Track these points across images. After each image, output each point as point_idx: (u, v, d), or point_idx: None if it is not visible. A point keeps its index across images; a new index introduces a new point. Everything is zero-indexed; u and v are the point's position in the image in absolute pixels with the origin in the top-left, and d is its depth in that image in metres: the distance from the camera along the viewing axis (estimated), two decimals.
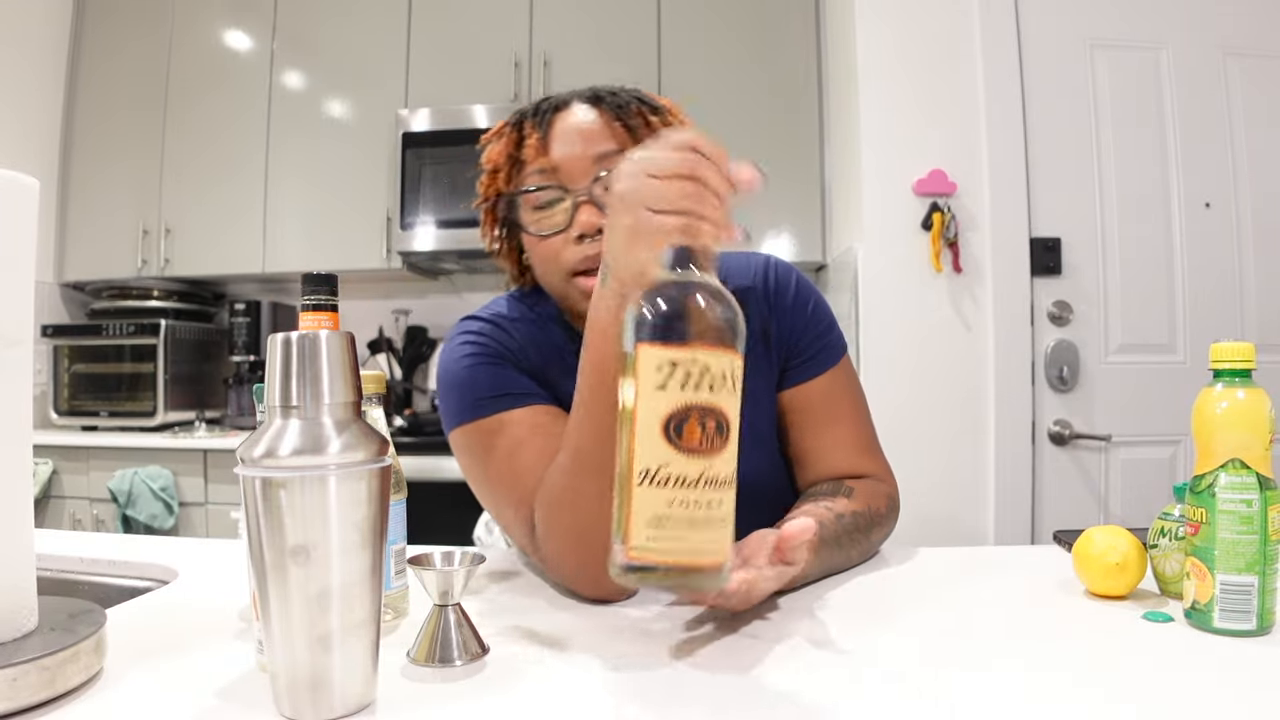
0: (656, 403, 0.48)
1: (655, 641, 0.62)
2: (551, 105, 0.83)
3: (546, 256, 0.82)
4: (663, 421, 0.48)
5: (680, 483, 0.47)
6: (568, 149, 0.80)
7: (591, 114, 0.81)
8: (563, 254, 0.80)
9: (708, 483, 0.48)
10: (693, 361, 0.48)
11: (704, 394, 0.48)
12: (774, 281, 0.91)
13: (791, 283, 0.91)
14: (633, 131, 0.80)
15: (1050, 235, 1.95)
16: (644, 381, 0.48)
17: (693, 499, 0.48)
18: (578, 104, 0.82)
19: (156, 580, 0.84)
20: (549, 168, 0.80)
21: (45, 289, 2.74)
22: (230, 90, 2.70)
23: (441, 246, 2.49)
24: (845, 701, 0.51)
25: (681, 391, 0.48)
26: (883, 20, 2.03)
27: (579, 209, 0.79)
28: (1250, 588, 0.59)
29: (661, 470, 0.48)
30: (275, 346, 0.48)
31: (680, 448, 0.48)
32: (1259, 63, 1.99)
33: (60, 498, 2.44)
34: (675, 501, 0.47)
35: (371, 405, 0.64)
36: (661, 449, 0.48)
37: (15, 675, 0.47)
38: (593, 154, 0.79)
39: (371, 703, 0.50)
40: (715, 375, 0.48)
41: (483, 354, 0.83)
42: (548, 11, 2.56)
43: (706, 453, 0.48)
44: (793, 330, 0.89)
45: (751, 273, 0.91)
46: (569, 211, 0.79)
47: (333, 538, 0.47)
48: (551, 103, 0.83)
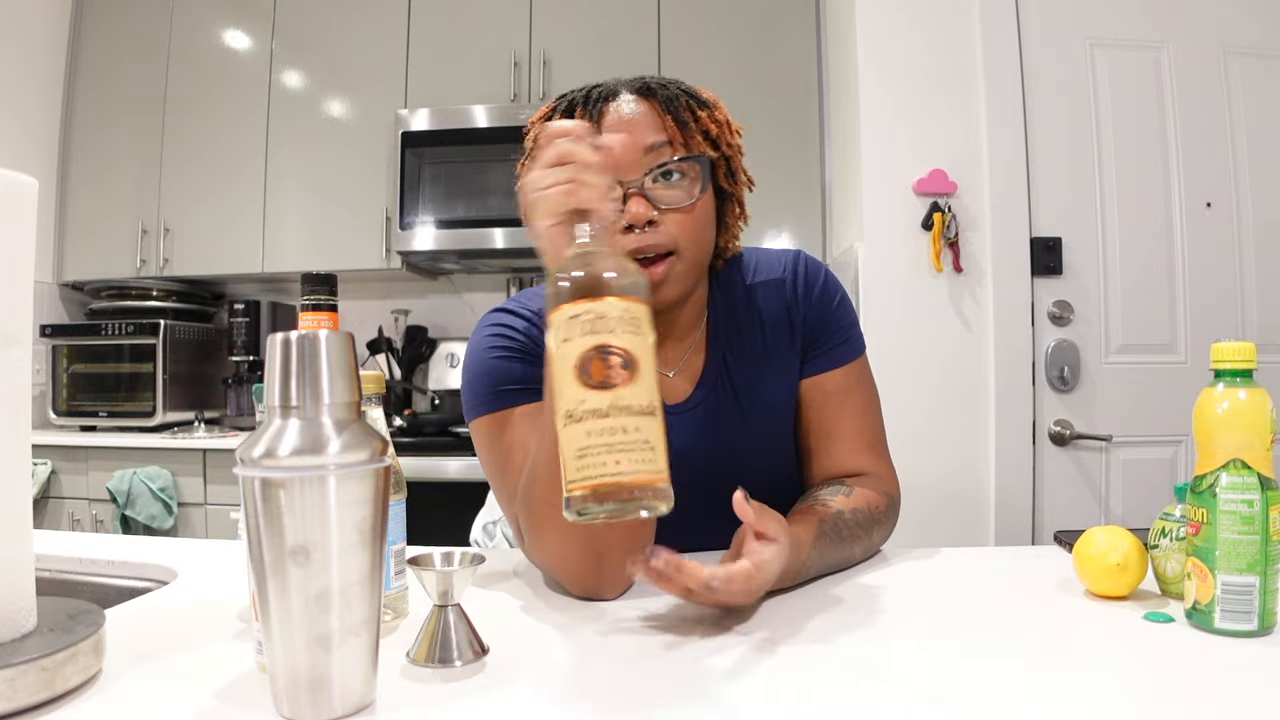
0: (566, 352, 0.53)
1: (655, 641, 0.62)
2: (602, 94, 0.83)
3: None
4: (572, 366, 0.53)
5: (594, 414, 0.52)
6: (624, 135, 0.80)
7: (642, 105, 0.82)
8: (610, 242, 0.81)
9: (620, 410, 0.52)
10: (588, 311, 0.53)
11: (603, 336, 0.53)
12: (803, 275, 0.92)
13: (820, 277, 0.93)
14: (682, 125, 0.81)
15: (1050, 235, 1.95)
16: (556, 339, 0.54)
17: (607, 426, 0.52)
18: (628, 94, 0.82)
19: (156, 581, 0.84)
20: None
21: (44, 289, 2.73)
22: (230, 90, 2.70)
23: (441, 246, 2.49)
24: (846, 701, 0.51)
25: (584, 338, 0.53)
26: (883, 20, 2.03)
27: (629, 200, 0.79)
28: (1251, 588, 0.59)
29: (577, 408, 0.52)
30: (275, 346, 0.48)
31: (589, 384, 0.52)
32: (1259, 63, 1.99)
33: (59, 498, 2.44)
34: (592, 432, 0.52)
35: (371, 405, 0.64)
36: (575, 390, 0.53)
37: (14, 676, 0.47)
38: (643, 145, 0.80)
39: (371, 703, 0.50)
40: (613, 319, 0.53)
41: (504, 346, 0.85)
42: (548, 11, 2.56)
43: (615, 385, 0.52)
44: (816, 322, 0.91)
45: (782, 266, 0.93)
46: (619, 201, 0.79)
47: (332, 538, 0.47)
48: (602, 91, 0.83)
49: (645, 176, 0.79)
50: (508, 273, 2.84)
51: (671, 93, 0.83)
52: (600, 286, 0.54)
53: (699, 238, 0.82)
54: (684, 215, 0.80)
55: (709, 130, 0.83)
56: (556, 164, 0.63)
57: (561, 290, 0.55)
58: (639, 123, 0.80)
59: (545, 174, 0.63)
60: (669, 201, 0.80)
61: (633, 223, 0.79)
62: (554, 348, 0.54)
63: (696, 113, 0.83)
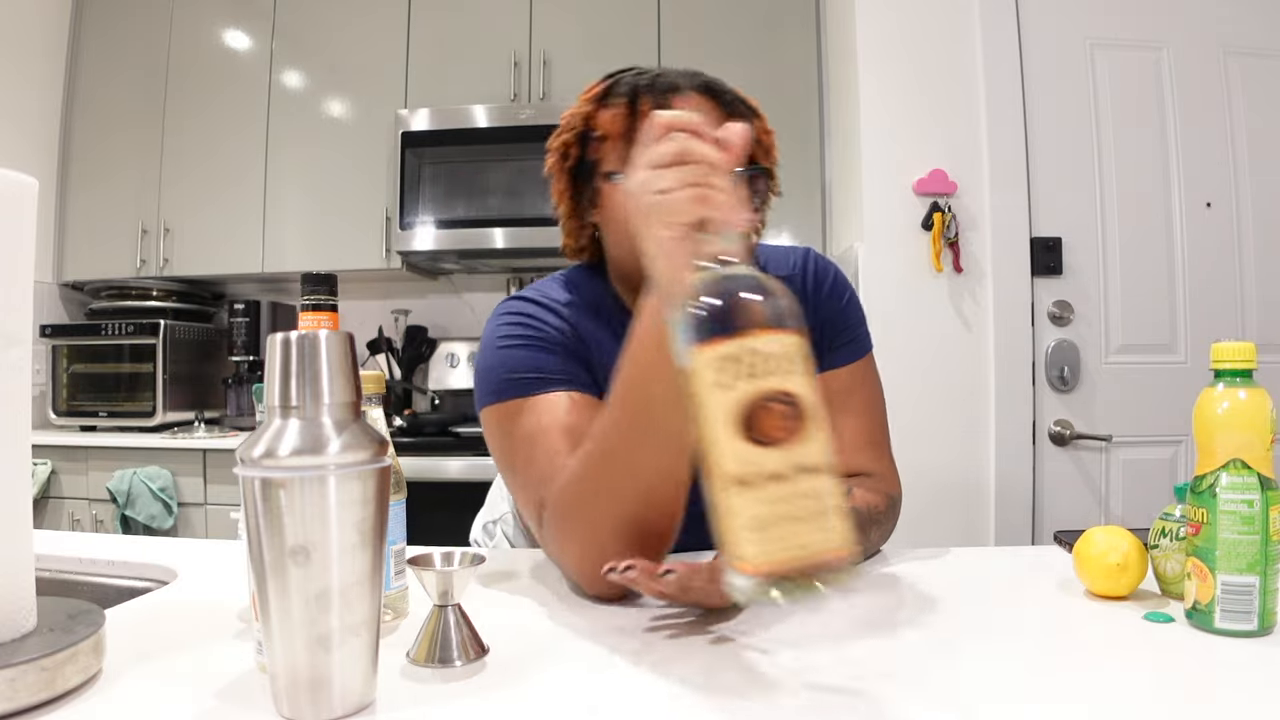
0: (721, 402, 0.45)
1: (656, 641, 0.62)
2: (667, 86, 0.82)
3: None
4: (732, 419, 0.44)
5: (772, 479, 0.44)
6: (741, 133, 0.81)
7: (709, 104, 0.81)
8: None
9: (801, 471, 0.44)
10: (746, 351, 0.45)
11: (769, 380, 0.45)
12: (813, 272, 0.93)
13: (830, 275, 0.93)
14: None
15: (1050, 235, 1.95)
16: (704, 385, 0.46)
17: (788, 493, 0.44)
18: (694, 90, 0.82)
19: (156, 580, 0.84)
20: None
21: (44, 289, 2.73)
22: (230, 90, 2.70)
23: (441, 246, 2.49)
24: (846, 700, 0.51)
25: (744, 384, 0.45)
26: (883, 20, 2.02)
27: None
28: (1251, 588, 0.59)
29: (748, 472, 0.44)
30: (275, 346, 0.48)
31: (758, 441, 0.44)
32: (1259, 63, 1.99)
33: (59, 498, 2.44)
34: (770, 500, 0.44)
35: (371, 405, 0.63)
36: (740, 449, 0.44)
37: (14, 676, 0.47)
38: None
39: (371, 703, 0.50)
40: (774, 358, 0.45)
41: (522, 335, 0.83)
42: (548, 11, 2.56)
43: (787, 440, 0.44)
44: (825, 319, 0.91)
45: (791, 262, 0.93)
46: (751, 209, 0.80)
47: (332, 538, 0.47)
48: (666, 82, 0.82)
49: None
50: (508, 273, 2.84)
51: (731, 97, 0.83)
52: (751, 316, 0.46)
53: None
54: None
55: (764, 140, 0.84)
56: (676, 163, 0.55)
57: (699, 322, 0.47)
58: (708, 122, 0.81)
59: (663, 175, 0.55)
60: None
61: None
62: (702, 394, 0.46)
63: (753, 121, 0.83)
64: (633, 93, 0.82)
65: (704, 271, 0.50)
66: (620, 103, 0.82)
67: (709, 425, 0.46)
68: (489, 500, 1.17)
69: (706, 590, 0.63)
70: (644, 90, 0.82)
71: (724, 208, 0.53)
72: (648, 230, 0.56)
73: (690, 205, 0.53)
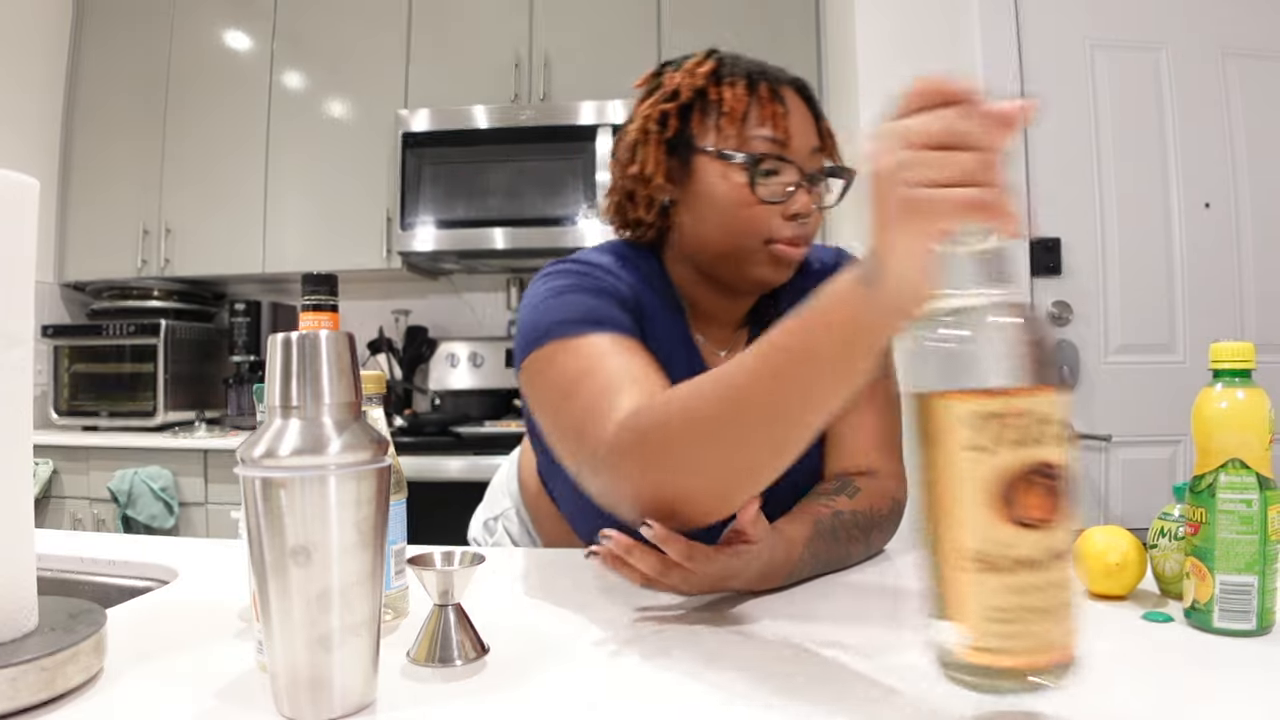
0: (979, 468, 0.39)
1: (656, 641, 0.62)
2: (776, 77, 0.85)
3: (749, 218, 0.81)
4: (991, 491, 0.39)
5: (1023, 565, 0.39)
6: (797, 131, 0.83)
7: (804, 106, 0.85)
8: (771, 222, 0.82)
9: (1055, 559, 0.39)
10: (1018, 412, 0.39)
11: (1036, 449, 0.39)
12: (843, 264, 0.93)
13: None
14: (824, 134, 0.86)
15: (1050, 235, 1.95)
16: (958, 442, 0.40)
17: (1040, 582, 0.39)
18: (791, 88, 0.85)
19: (156, 580, 0.84)
20: (782, 140, 0.82)
21: (45, 289, 2.74)
22: (230, 90, 2.70)
23: (441, 246, 2.49)
24: (846, 700, 0.51)
25: (1009, 451, 0.39)
26: (883, 20, 2.02)
27: (800, 190, 0.82)
28: (1250, 588, 0.59)
29: (997, 551, 0.39)
30: (275, 346, 0.48)
31: (1016, 521, 0.39)
32: (1259, 63, 1.99)
33: (60, 498, 2.44)
34: (1020, 588, 0.39)
35: (371, 405, 0.64)
36: (993, 526, 0.39)
37: (15, 675, 0.47)
38: (811, 144, 0.84)
39: (371, 703, 0.50)
40: (1045, 422, 0.39)
41: (577, 284, 0.80)
42: (548, 11, 2.56)
43: (1048, 522, 0.39)
44: None
45: (830, 259, 0.95)
46: (788, 187, 0.82)
47: (333, 538, 0.47)
48: (772, 74, 0.85)
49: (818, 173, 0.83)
50: (508, 273, 2.85)
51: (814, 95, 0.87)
52: (1026, 368, 0.39)
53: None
54: (820, 216, 0.85)
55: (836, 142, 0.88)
56: (953, 146, 0.43)
57: (959, 363, 0.40)
58: (808, 120, 0.84)
59: (937, 161, 0.43)
60: (821, 202, 0.85)
61: (802, 213, 0.82)
62: (949, 451, 0.40)
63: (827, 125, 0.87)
64: (749, 77, 0.84)
65: (970, 300, 0.41)
66: (741, 81, 0.83)
67: (952, 490, 0.40)
68: (489, 496, 1.17)
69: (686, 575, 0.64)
70: (755, 74, 0.83)
71: (1007, 217, 0.42)
72: (894, 223, 0.45)
73: (968, 208, 0.42)
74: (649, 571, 0.64)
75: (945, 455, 0.40)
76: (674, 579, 0.65)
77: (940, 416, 0.40)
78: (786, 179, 0.82)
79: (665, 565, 0.64)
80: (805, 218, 0.82)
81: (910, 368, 0.42)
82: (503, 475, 1.15)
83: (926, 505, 0.42)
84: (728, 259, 0.85)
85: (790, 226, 0.82)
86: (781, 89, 0.84)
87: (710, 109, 0.83)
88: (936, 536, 0.41)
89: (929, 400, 0.41)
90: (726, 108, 0.81)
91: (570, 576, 0.80)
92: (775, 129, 0.81)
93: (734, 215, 0.82)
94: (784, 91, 0.84)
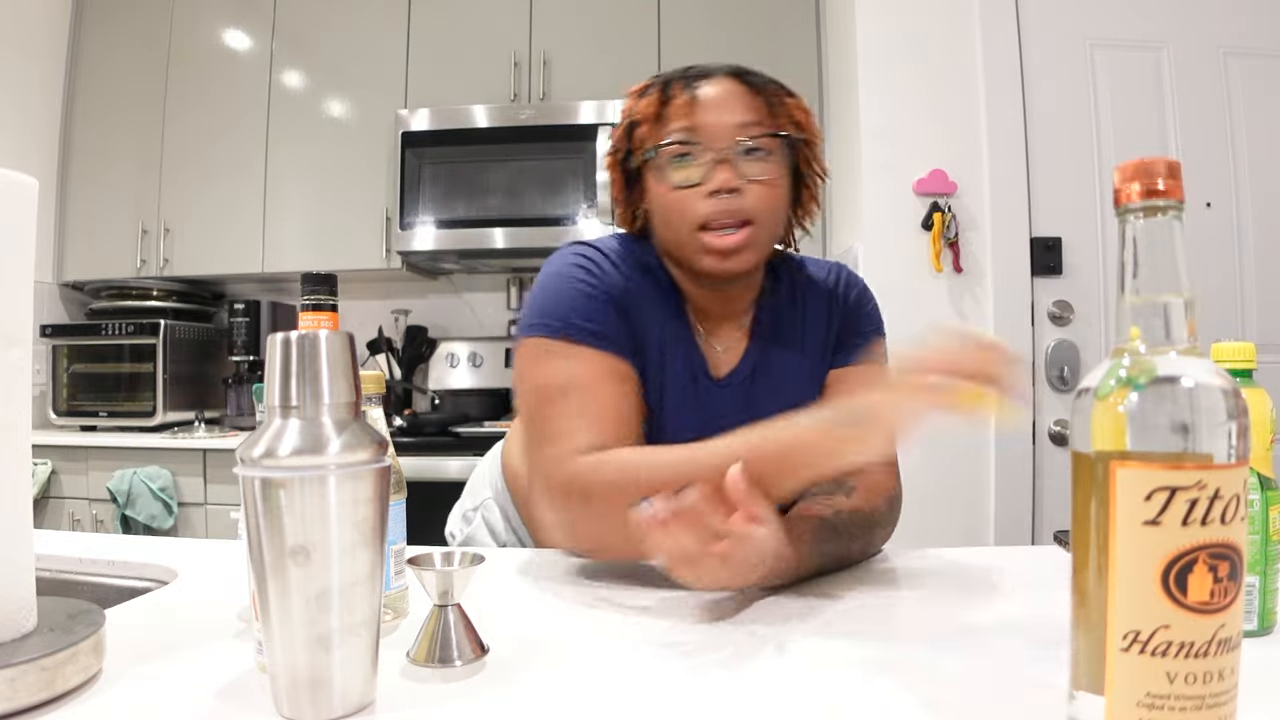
0: (1148, 543, 0.37)
1: (656, 641, 0.62)
2: (699, 73, 0.88)
3: (675, 208, 0.87)
4: (1159, 569, 0.37)
5: (1185, 651, 0.37)
6: (712, 113, 0.85)
7: (736, 85, 0.87)
8: (695, 206, 0.85)
9: (1222, 647, 0.37)
10: (1199, 486, 0.36)
11: (1215, 529, 0.36)
12: (845, 281, 0.99)
13: (858, 285, 1.00)
14: (771, 107, 0.87)
15: (1050, 235, 1.95)
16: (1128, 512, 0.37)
17: (1201, 671, 0.37)
18: (723, 75, 0.88)
19: (156, 580, 0.84)
20: (694, 126, 0.85)
21: (44, 289, 2.73)
22: (230, 90, 2.70)
23: (441, 246, 2.49)
24: (845, 701, 0.51)
25: (1184, 528, 0.36)
26: (883, 20, 2.02)
27: (717, 167, 0.84)
28: (1251, 588, 0.59)
29: (1158, 634, 0.37)
30: (275, 346, 0.48)
31: (1184, 605, 0.37)
32: (1259, 63, 1.99)
33: (59, 498, 2.44)
34: (1178, 675, 0.37)
35: (371, 405, 0.63)
36: (1156, 605, 0.37)
37: (14, 676, 0.47)
38: (734, 121, 0.85)
39: (371, 703, 0.50)
40: (1227, 500, 0.37)
41: (589, 281, 0.88)
42: (547, 11, 2.56)
43: (1219, 609, 0.37)
44: (849, 322, 0.97)
45: (828, 271, 1.00)
46: (707, 168, 0.85)
47: (332, 538, 0.47)
48: (698, 70, 0.89)
49: (735, 148, 0.85)
50: (508, 273, 2.85)
51: (761, 80, 0.89)
52: (1210, 438, 0.37)
53: (776, 211, 0.89)
54: (764, 188, 0.86)
55: (794, 115, 0.89)
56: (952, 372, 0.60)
57: (1142, 429, 0.38)
58: (732, 100, 0.86)
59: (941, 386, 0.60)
60: (753, 174, 0.85)
61: (720, 188, 0.84)
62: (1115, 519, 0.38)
63: (784, 99, 0.89)
64: (666, 82, 0.89)
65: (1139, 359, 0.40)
66: (653, 92, 0.89)
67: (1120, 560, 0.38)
68: (469, 488, 1.16)
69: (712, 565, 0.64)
70: (676, 78, 0.88)
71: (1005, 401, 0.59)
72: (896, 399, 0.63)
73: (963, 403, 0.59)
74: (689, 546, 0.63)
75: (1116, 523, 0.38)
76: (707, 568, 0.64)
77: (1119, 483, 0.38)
78: (700, 160, 0.85)
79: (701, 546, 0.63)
80: (727, 193, 0.84)
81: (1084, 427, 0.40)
82: (484, 466, 1.16)
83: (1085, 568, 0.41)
84: (677, 253, 0.90)
85: (711, 203, 0.84)
86: (700, 82, 0.87)
87: (638, 124, 0.89)
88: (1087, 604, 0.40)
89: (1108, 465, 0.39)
90: (641, 117, 0.88)
91: (570, 577, 0.80)
92: (686, 119, 0.85)
93: (665, 209, 0.88)
94: (704, 82, 0.87)
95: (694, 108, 0.86)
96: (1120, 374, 0.40)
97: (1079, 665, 0.41)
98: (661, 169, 0.87)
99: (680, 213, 0.86)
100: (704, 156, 0.85)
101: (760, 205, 0.86)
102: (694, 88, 0.86)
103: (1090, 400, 0.41)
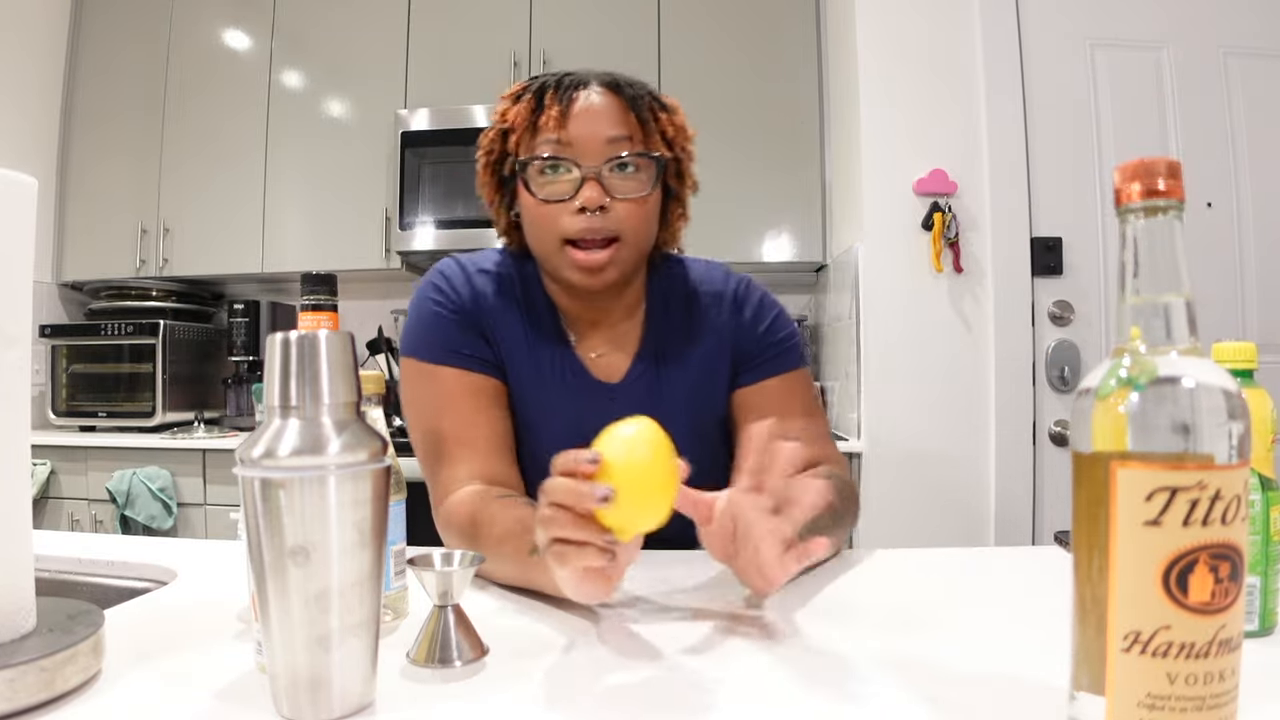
0: (1148, 544, 0.37)
1: (656, 642, 0.62)
2: (573, 82, 0.87)
3: (543, 221, 0.87)
4: (1160, 570, 0.37)
5: (1185, 651, 0.37)
6: (584, 128, 0.84)
7: (609, 99, 0.86)
8: (561, 221, 0.85)
9: (1219, 646, 0.37)
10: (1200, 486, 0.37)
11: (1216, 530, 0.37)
12: (740, 289, 0.98)
13: (757, 292, 0.99)
14: (643, 123, 0.87)
15: (1051, 235, 1.95)
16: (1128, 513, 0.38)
17: (1201, 672, 0.37)
18: (597, 86, 0.87)
19: (155, 581, 0.84)
20: (565, 140, 0.85)
21: (43, 289, 2.73)
22: (229, 90, 2.70)
23: (441, 246, 2.49)
24: (845, 702, 0.51)
25: (1184, 529, 0.37)
26: (883, 20, 2.03)
27: (585, 184, 0.84)
28: (1252, 589, 0.59)
29: (1159, 634, 0.37)
30: (274, 346, 0.48)
31: (1184, 605, 0.37)
32: (1259, 63, 1.99)
33: (58, 498, 2.44)
34: (1178, 676, 0.37)
35: (371, 405, 0.63)
36: (1157, 606, 0.37)
37: (13, 676, 0.47)
38: (605, 136, 0.85)
39: (371, 703, 0.50)
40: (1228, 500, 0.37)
41: (443, 303, 0.91)
42: (547, 11, 2.56)
43: (1219, 609, 0.37)
44: (753, 334, 0.95)
45: (721, 278, 0.98)
46: (576, 184, 0.84)
47: (332, 538, 0.47)
48: (573, 79, 0.87)
49: (604, 165, 0.84)
50: None
51: (637, 91, 0.88)
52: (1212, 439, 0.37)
53: (644, 228, 0.88)
54: (634, 205, 0.86)
55: (666, 131, 0.88)
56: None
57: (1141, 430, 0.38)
58: (604, 114, 0.85)
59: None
60: (623, 191, 0.85)
61: (586, 205, 0.84)
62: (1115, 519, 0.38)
63: (658, 114, 0.88)
64: (540, 88, 0.88)
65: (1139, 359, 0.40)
66: (528, 98, 0.88)
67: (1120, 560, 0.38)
68: None
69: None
70: (551, 86, 0.87)
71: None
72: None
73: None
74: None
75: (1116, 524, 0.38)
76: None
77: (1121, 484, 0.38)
78: (569, 176, 0.85)
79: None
80: (594, 210, 0.84)
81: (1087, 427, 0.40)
82: None
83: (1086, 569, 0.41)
84: (545, 263, 0.91)
85: (578, 220, 0.84)
86: (575, 91, 0.86)
87: (510, 132, 0.89)
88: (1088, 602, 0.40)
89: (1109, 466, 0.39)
90: (512, 124, 0.88)
91: None
92: (557, 130, 0.85)
93: (533, 221, 0.88)
94: (579, 93, 0.86)
95: (565, 120, 0.85)
96: (1121, 374, 0.40)
97: (1079, 666, 0.42)
98: (531, 180, 0.86)
99: (548, 227, 0.86)
100: (573, 172, 0.84)
101: (628, 223, 0.85)
102: (567, 99, 0.85)
103: (1091, 400, 0.41)
